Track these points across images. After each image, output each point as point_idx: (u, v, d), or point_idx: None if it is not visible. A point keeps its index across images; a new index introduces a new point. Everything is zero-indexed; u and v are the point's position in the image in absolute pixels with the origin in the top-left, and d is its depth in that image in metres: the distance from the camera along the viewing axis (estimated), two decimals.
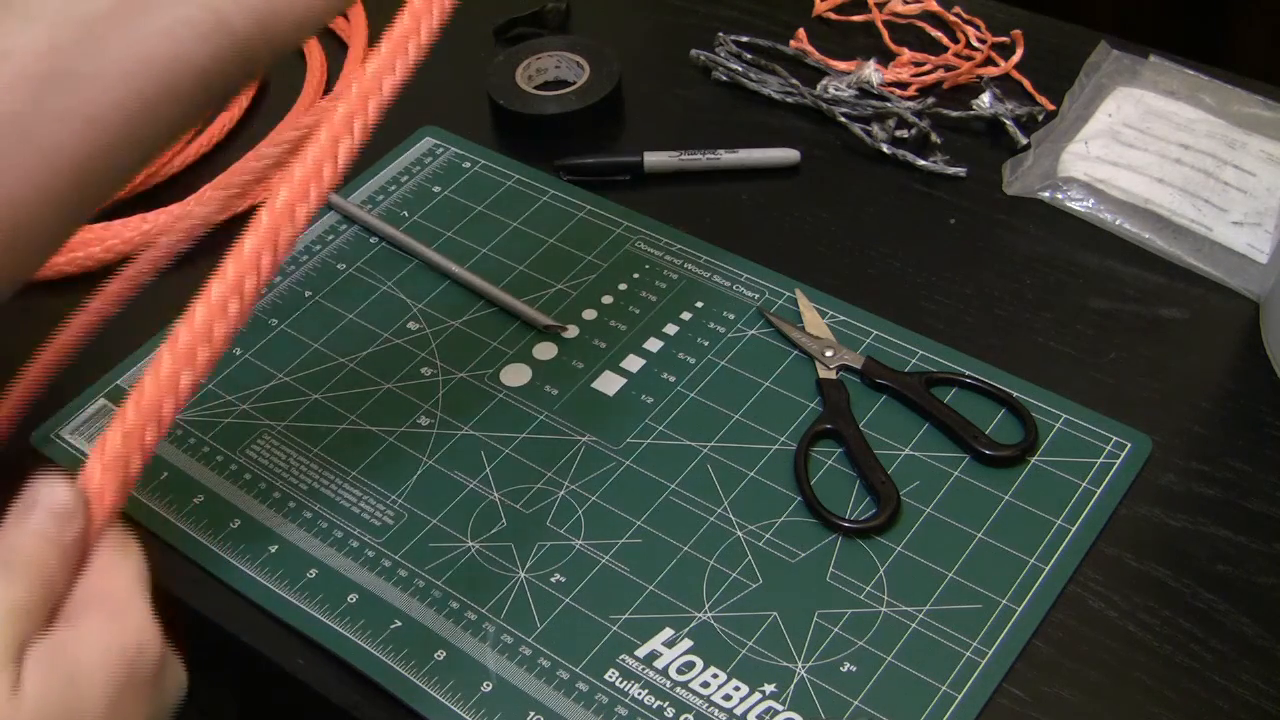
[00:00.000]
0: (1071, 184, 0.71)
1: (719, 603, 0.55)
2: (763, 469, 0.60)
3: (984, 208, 0.72)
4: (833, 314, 0.66)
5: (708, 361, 0.64)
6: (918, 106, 0.75)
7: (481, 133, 0.78)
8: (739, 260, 0.69)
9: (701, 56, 0.81)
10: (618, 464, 0.60)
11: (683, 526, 0.58)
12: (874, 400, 0.62)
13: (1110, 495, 0.58)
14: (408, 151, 0.77)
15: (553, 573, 0.57)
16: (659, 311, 0.67)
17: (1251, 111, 0.74)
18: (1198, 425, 0.61)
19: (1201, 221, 0.69)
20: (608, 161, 0.75)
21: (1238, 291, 0.66)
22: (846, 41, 0.82)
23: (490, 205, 0.74)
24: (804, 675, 0.52)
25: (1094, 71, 0.78)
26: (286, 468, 0.61)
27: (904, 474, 0.59)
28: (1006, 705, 0.52)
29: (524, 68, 0.80)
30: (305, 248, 0.72)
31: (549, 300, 0.68)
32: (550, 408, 0.63)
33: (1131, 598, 0.55)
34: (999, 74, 0.78)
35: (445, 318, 0.68)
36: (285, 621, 0.56)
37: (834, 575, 0.56)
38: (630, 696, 0.52)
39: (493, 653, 0.54)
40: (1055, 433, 0.60)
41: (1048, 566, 0.55)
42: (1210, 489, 0.58)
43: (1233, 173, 0.71)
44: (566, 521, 0.58)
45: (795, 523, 0.58)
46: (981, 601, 0.54)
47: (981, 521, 0.57)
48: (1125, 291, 0.67)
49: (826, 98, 0.77)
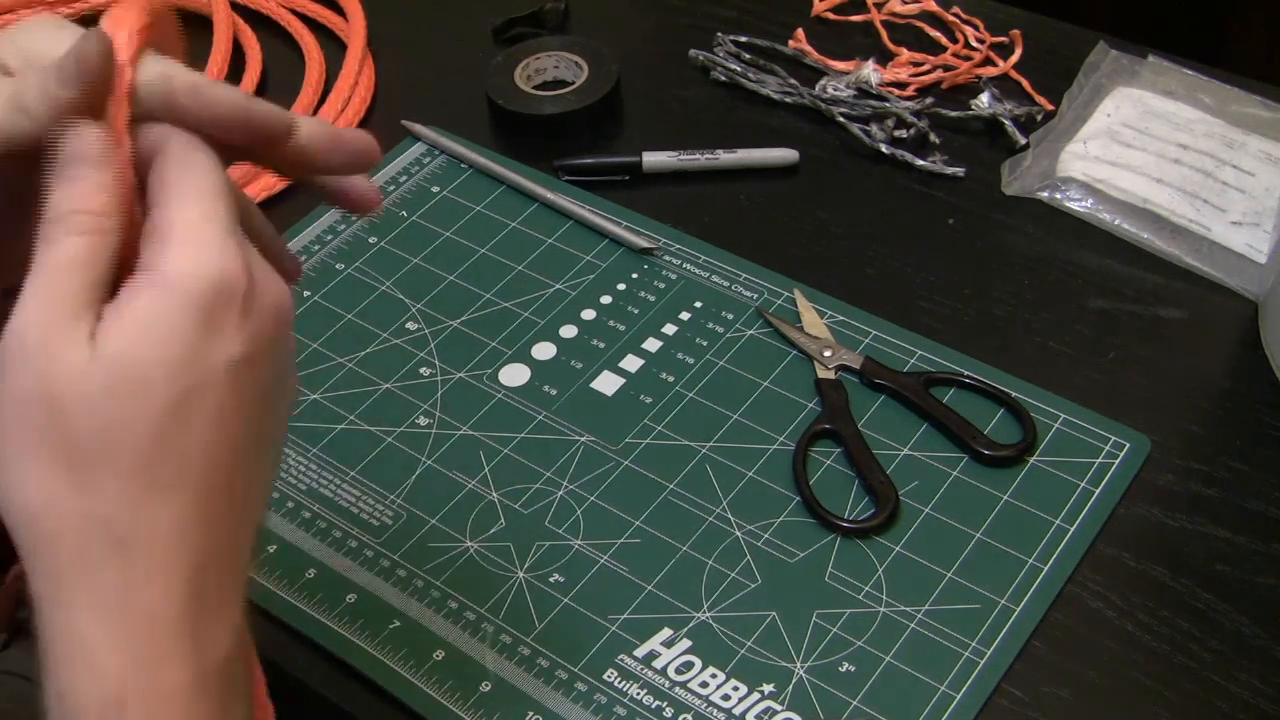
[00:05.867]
0: (1070, 184, 0.71)
1: (718, 603, 0.55)
2: (761, 469, 0.60)
3: (982, 208, 0.72)
4: (831, 314, 0.66)
5: (706, 361, 0.64)
6: (916, 106, 0.75)
7: (480, 133, 0.78)
8: (737, 260, 0.69)
9: (700, 56, 0.81)
10: (616, 464, 0.60)
11: (681, 526, 0.58)
12: (873, 400, 0.62)
13: (1109, 495, 0.58)
14: (407, 151, 0.77)
15: (551, 572, 0.57)
16: (657, 312, 0.67)
17: (1250, 111, 0.74)
18: (1196, 425, 0.61)
19: (1200, 221, 0.69)
20: (606, 162, 0.75)
21: (1236, 291, 0.66)
22: (845, 41, 0.82)
23: (489, 205, 0.74)
24: (803, 675, 0.52)
25: (1093, 71, 0.78)
26: (285, 467, 0.61)
27: (903, 474, 0.59)
28: (1005, 705, 0.52)
29: (523, 68, 0.80)
30: (304, 247, 0.72)
31: (547, 300, 0.68)
32: (549, 407, 0.63)
33: (1130, 597, 0.55)
34: (998, 74, 0.78)
35: (444, 318, 0.68)
36: (284, 621, 0.56)
37: (833, 575, 0.56)
38: (629, 696, 0.52)
39: (491, 652, 0.54)
40: (1054, 433, 0.60)
41: (1046, 566, 0.55)
42: (1208, 489, 0.58)
43: (1231, 173, 0.71)
44: (565, 521, 0.58)
45: (794, 523, 0.58)
46: (980, 601, 0.54)
47: (980, 521, 0.57)
48: (1124, 291, 0.67)
49: (825, 98, 0.77)
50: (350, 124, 0.79)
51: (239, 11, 0.87)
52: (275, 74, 0.84)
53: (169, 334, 0.35)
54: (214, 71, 0.80)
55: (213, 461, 0.36)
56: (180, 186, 0.37)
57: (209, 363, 0.35)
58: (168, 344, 0.35)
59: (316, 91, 0.81)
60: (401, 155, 0.77)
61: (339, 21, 0.86)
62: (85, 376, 0.34)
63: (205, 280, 0.35)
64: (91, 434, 0.34)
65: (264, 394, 0.37)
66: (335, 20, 0.86)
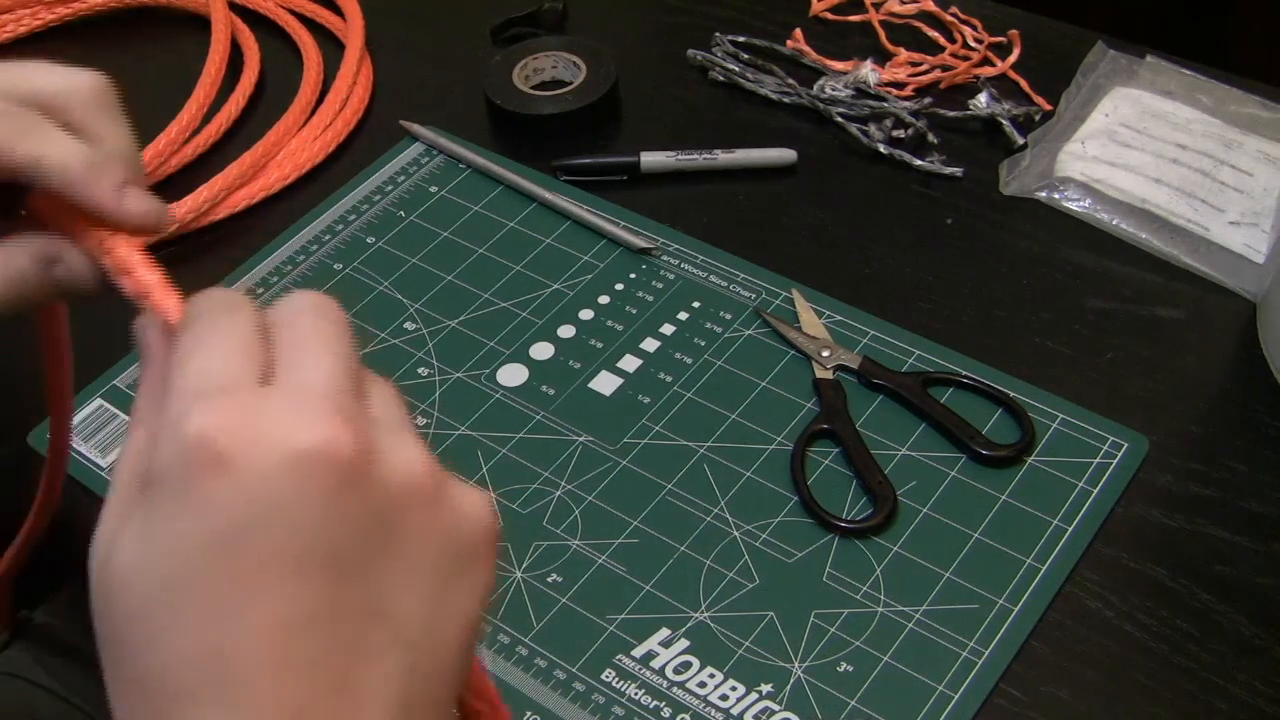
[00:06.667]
0: (1068, 184, 0.71)
1: (716, 602, 0.55)
2: (759, 469, 0.60)
3: (981, 208, 0.72)
4: (829, 314, 0.66)
5: (704, 361, 0.64)
6: (914, 106, 0.75)
7: (479, 133, 0.78)
8: (736, 260, 0.69)
9: (698, 56, 0.81)
10: (614, 464, 0.60)
11: (680, 526, 0.58)
12: (871, 400, 0.62)
13: (1107, 495, 0.58)
14: (405, 151, 0.77)
15: (549, 572, 0.57)
16: (656, 312, 0.67)
17: (1248, 111, 0.74)
18: (1195, 425, 0.61)
19: (1198, 221, 0.69)
20: (604, 162, 0.75)
21: (1234, 291, 0.66)
22: (843, 41, 0.82)
23: (487, 205, 0.74)
24: (801, 675, 0.52)
25: (1091, 71, 0.78)
26: None
27: (901, 474, 0.59)
28: (1003, 705, 0.51)
29: (521, 68, 0.80)
30: (302, 248, 0.72)
31: (546, 300, 0.68)
32: (547, 407, 0.63)
33: (1128, 598, 0.55)
34: (996, 74, 0.78)
35: (442, 317, 0.68)
36: None
37: (831, 575, 0.56)
38: (627, 696, 0.52)
39: (489, 652, 0.54)
40: (1052, 433, 0.60)
41: (1045, 566, 0.55)
42: (1207, 489, 0.58)
43: (1230, 172, 0.71)
44: (563, 521, 0.58)
45: (792, 523, 0.58)
46: (978, 601, 0.54)
47: (978, 521, 0.57)
48: (1122, 291, 0.67)
49: (823, 98, 0.77)
50: (349, 124, 0.79)
51: (237, 11, 0.87)
52: (273, 74, 0.84)
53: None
54: (213, 71, 0.80)
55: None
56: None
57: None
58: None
59: (315, 92, 0.81)
60: (399, 155, 0.77)
61: (337, 21, 0.86)
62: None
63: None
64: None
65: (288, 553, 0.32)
66: (334, 20, 0.86)
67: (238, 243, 0.73)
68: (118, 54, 0.88)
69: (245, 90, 0.82)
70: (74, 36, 0.89)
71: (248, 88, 0.82)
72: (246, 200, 0.75)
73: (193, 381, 0.33)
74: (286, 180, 0.76)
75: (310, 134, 0.78)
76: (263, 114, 0.81)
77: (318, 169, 0.77)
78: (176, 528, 0.31)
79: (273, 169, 0.76)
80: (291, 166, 0.76)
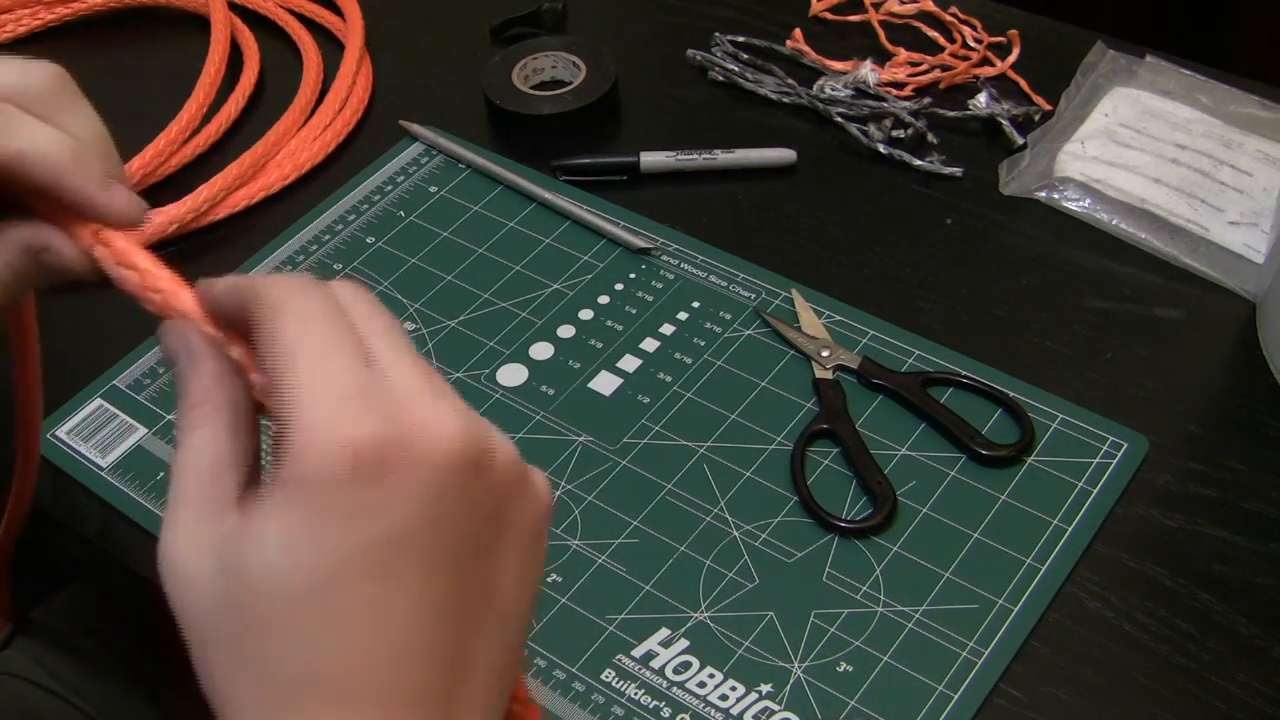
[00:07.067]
0: (1068, 184, 0.71)
1: (715, 602, 0.55)
2: (759, 469, 0.60)
3: (980, 208, 0.72)
4: (829, 314, 0.66)
5: (704, 361, 0.64)
6: (914, 106, 0.75)
7: (478, 133, 0.78)
8: (735, 260, 0.69)
9: (698, 56, 0.81)
10: (614, 464, 0.60)
11: (679, 526, 0.58)
12: (870, 400, 0.62)
13: (1107, 495, 0.58)
14: (404, 151, 0.77)
15: (549, 573, 0.56)
16: (655, 312, 0.67)
17: (1248, 111, 0.74)
18: (1194, 425, 0.61)
19: (1198, 221, 0.69)
20: (604, 162, 0.75)
21: (1234, 291, 0.66)
22: (843, 41, 0.82)
23: (487, 205, 0.74)
24: (800, 675, 0.52)
25: (1090, 71, 0.78)
26: None
27: (900, 474, 0.59)
28: (1003, 705, 0.52)
29: (520, 68, 0.80)
30: (302, 248, 0.72)
31: (545, 300, 0.68)
32: (547, 407, 0.63)
33: (1128, 598, 0.55)
34: (995, 74, 0.78)
35: (442, 317, 0.68)
36: None
37: (830, 575, 0.56)
38: (627, 696, 0.52)
39: None
40: (1052, 433, 0.60)
41: (1044, 566, 0.55)
42: (1207, 489, 0.58)
43: (1229, 173, 0.71)
44: (563, 521, 0.58)
45: (792, 523, 0.58)
46: (978, 601, 0.54)
47: (978, 521, 0.57)
48: (1122, 291, 0.67)
49: (823, 98, 0.77)
50: (349, 124, 0.79)
51: (237, 12, 0.87)
52: (273, 74, 0.84)
53: (307, 545, 0.32)
54: (212, 72, 0.80)
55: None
56: (295, 349, 0.34)
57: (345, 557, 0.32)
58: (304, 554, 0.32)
59: (314, 92, 0.81)
60: (399, 155, 0.77)
61: (337, 21, 0.86)
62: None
63: (337, 468, 0.32)
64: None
65: (442, 560, 0.33)
66: (333, 20, 0.86)
67: (237, 243, 0.73)
68: (118, 54, 0.88)
69: (245, 90, 0.82)
70: (74, 36, 0.89)
71: (247, 88, 0.82)
72: (246, 200, 0.75)
73: (323, 382, 0.33)
74: (286, 180, 0.76)
75: (310, 134, 0.78)
76: (262, 114, 0.81)
77: (317, 169, 0.77)
78: (331, 533, 0.32)
79: (272, 169, 0.76)
80: (291, 166, 0.76)
